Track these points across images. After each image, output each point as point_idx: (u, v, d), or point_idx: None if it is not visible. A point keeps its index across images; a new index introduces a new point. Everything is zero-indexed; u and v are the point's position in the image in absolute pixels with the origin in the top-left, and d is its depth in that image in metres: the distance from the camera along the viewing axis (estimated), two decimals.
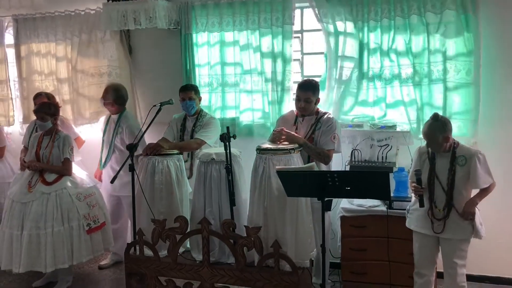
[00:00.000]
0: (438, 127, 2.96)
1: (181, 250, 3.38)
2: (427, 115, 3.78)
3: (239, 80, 4.33)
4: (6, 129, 5.09)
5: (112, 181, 3.44)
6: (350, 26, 3.93)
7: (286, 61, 4.14)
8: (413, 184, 3.08)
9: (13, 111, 5.14)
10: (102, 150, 4.38)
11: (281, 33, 4.11)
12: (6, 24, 5.05)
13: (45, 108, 3.94)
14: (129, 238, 4.51)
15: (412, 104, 3.86)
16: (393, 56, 3.85)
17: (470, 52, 3.66)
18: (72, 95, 4.83)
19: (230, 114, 4.43)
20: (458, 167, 3.01)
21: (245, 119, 4.39)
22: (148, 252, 3.37)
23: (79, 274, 4.19)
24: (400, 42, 3.82)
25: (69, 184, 3.85)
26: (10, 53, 5.10)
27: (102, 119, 4.54)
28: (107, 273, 4.31)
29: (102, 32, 4.64)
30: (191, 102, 3.96)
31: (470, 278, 3.64)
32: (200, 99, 4.07)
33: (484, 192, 3.04)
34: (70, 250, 3.73)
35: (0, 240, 3.78)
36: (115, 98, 4.27)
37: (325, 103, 4.01)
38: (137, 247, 3.40)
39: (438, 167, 3.05)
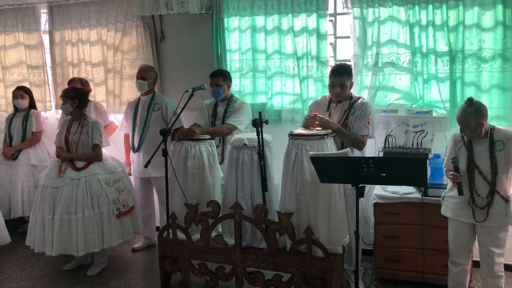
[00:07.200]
0: (471, 112, 2.85)
1: (213, 234, 3.42)
2: (462, 98, 3.71)
3: (270, 65, 4.29)
4: (43, 114, 5.21)
5: (146, 166, 3.47)
6: (384, 11, 3.85)
7: (320, 37, 4.06)
8: (451, 172, 2.98)
9: (50, 96, 5.26)
10: (133, 135, 4.32)
11: (316, 15, 4.04)
12: (41, 10, 5.14)
13: (65, 91, 4.01)
14: (158, 222, 4.58)
15: (446, 85, 3.78)
16: (429, 37, 3.77)
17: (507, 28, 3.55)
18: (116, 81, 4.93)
19: (260, 99, 4.40)
20: (496, 152, 2.90)
21: (276, 104, 4.35)
22: (181, 235, 3.43)
23: (113, 257, 4.28)
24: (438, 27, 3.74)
25: (98, 170, 3.88)
26: (46, 39, 5.19)
27: (128, 106, 4.45)
28: (140, 255, 4.39)
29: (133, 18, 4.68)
30: (218, 88, 3.94)
31: (508, 268, 3.56)
32: (229, 86, 4.03)
33: None
34: (101, 235, 3.80)
35: (32, 224, 3.87)
36: (154, 76, 4.35)
37: (357, 88, 3.94)
38: (170, 231, 3.46)
39: (476, 155, 2.95)
